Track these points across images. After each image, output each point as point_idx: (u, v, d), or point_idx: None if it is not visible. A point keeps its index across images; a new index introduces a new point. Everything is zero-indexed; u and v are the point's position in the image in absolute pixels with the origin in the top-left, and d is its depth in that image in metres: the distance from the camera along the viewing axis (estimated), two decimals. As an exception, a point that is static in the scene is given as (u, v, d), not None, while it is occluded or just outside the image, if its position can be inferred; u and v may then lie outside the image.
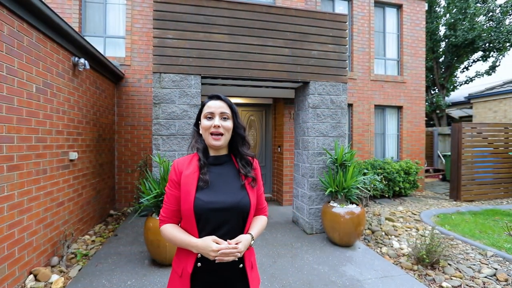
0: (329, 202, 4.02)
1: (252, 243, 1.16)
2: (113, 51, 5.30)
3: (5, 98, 2.36)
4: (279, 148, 6.12)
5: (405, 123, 7.33)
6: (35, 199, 2.74)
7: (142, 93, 5.25)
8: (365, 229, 4.36)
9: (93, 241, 3.64)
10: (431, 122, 12.78)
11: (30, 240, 2.67)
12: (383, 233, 4.23)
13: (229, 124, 1.18)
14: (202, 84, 4.37)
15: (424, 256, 3.13)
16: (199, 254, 1.10)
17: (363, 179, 4.28)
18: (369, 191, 4.88)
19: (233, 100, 6.12)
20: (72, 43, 3.33)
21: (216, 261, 1.05)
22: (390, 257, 3.49)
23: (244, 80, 4.09)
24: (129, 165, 5.12)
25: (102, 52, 5.15)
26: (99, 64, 4.15)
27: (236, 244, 1.07)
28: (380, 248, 3.77)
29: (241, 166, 1.22)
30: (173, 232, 1.13)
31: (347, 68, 4.45)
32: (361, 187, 4.06)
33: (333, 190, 3.85)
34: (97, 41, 5.19)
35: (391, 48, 7.42)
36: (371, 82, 6.98)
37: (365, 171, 5.09)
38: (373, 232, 4.28)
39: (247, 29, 3.91)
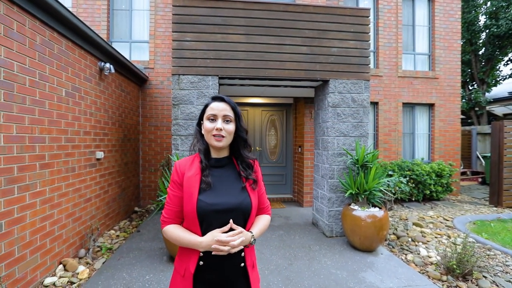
0: (349, 204, 3.87)
1: (252, 241, 1.16)
2: (138, 55, 5.57)
3: (38, 102, 2.57)
4: (299, 148, 6.02)
5: (437, 121, 6.84)
6: (64, 195, 2.95)
7: (164, 95, 5.45)
8: (390, 234, 4.14)
9: (117, 236, 3.84)
10: (469, 121, 11.81)
11: (60, 232, 2.88)
12: (410, 239, 3.98)
13: (231, 127, 1.17)
14: (221, 84, 4.44)
15: (455, 266, 2.88)
16: (201, 253, 1.11)
17: (387, 181, 4.07)
18: (394, 194, 4.61)
19: (253, 100, 6.14)
20: (98, 49, 3.54)
21: (213, 253, 1.06)
22: (416, 265, 3.27)
23: (261, 80, 4.07)
24: (152, 164, 5.34)
25: (128, 57, 5.44)
26: (124, 68, 4.38)
27: (237, 231, 1.09)
28: (405, 255, 3.55)
29: (242, 169, 1.22)
30: (177, 232, 1.14)
31: (370, 65, 4.23)
32: (384, 189, 3.85)
33: (354, 192, 3.70)
34: (123, 46, 5.49)
35: (421, 41, 6.96)
36: (398, 78, 6.60)
37: (390, 172, 4.82)
38: (398, 237, 4.04)
39: (263, 29, 3.89)
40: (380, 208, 3.69)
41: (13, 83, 2.29)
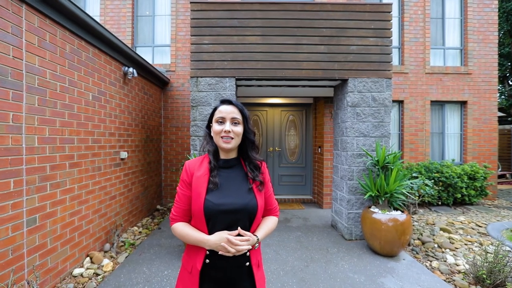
0: (369, 207, 3.74)
1: (257, 244, 1.19)
2: (160, 58, 5.81)
3: (68, 106, 2.78)
4: (319, 149, 5.92)
5: (471, 120, 6.38)
6: (91, 192, 3.16)
7: (185, 96, 5.63)
8: (414, 239, 3.94)
9: (140, 232, 4.04)
10: (509, 119, 10.86)
11: (87, 227, 3.09)
12: (436, 245, 3.76)
13: (239, 129, 1.20)
14: (238, 86, 4.49)
15: (485, 276, 2.68)
16: (207, 251, 1.14)
17: (410, 183, 3.88)
18: (419, 197, 4.38)
19: (272, 100, 6.14)
20: (122, 54, 3.74)
21: (219, 253, 1.10)
22: (441, 273, 3.09)
23: (278, 81, 4.06)
24: (173, 164, 5.54)
25: (150, 60, 5.69)
26: (146, 71, 4.58)
27: (245, 237, 1.12)
28: (430, 261, 3.36)
29: (249, 170, 1.25)
30: (185, 229, 1.17)
31: (393, 62, 4.06)
32: (407, 192, 3.67)
33: (373, 194, 3.57)
34: (146, 51, 5.75)
35: (452, 35, 6.53)
36: (426, 75, 6.25)
37: (415, 174, 4.58)
38: (423, 243, 3.84)
39: (280, 29, 3.88)
40: (402, 212, 3.53)
41: (45, 89, 2.50)
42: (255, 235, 1.19)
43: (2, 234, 2.07)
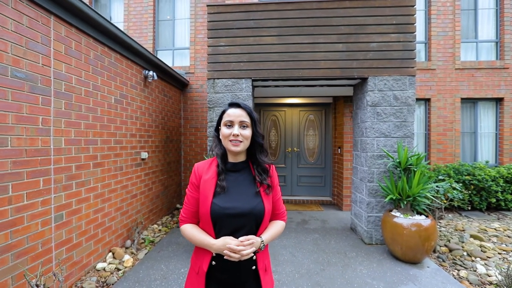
0: (390, 210, 3.58)
1: (261, 246, 1.17)
2: (180, 61, 5.97)
3: (92, 109, 2.94)
4: (339, 149, 5.77)
5: (508, 119, 5.88)
6: (113, 191, 3.32)
7: (204, 98, 5.73)
8: (440, 246, 3.72)
9: (159, 230, 4.18)
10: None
11: (110, 224, 3.26)
12: (465, 253, 3.52)
13: (248, 132, 1.19)
14: (255, 86, 4.50)
15: (519, 289, 2.47)
16: (214, 253, 1.15)
17: (436, 186, 3.66)
18: (447, 200, 4.11)
19: (290, 100, 6.08)
20: (143, 59, 3.90)
21: (225, 257, 1.10)
22: (470, 283, 2.88)
23: (295, 81, 4.01)
24: (193, 164, 5.67)
25: (171, 63, 5.86)
26: (166, 74, 4.73)
27: (248, 241, 1.10)
28: (458, 270, 3.15)
29: (257, 173, 1.24)
30: (192, 231, 1.19)
31: (417, 58, 3.85)
32: (432, 196, 3.46)
33: (394, 197, 3.41)
34: (167, 54, 5.95)
35: (485, 27, 6.06)
36: (456, 71, 5.85)
37: (441, 177, 4.31)
38: (450, 250, 3.61)
39: (296, 28, 3.82)
40: (426, 217, 3.35)
41: (71, 94, 2.66)
42: (260, 237, 1.18)
43: (32, 229, 2.24)
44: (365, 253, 3.56)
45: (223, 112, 1.23)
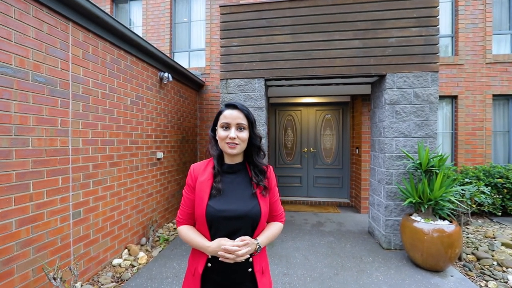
0: (410, 214, 3.40)
1: (258, 249, 1.15)
2: (196, 62, 6.06)
3: (108, 110, 3.06)
4: (357, 150, 5.57)
5: (547, 116, 5.38)
6: (129, 189, 3.43)
7: (219, 98, 5.77)
8: (467, 254, 3.47)
9: (174, 228, 4.26)
10: None
11: (126, 222, 3.37)
12: (495, 263, 3.26)
13: (245, 135, 1.16)
14: (269, 86, 4.46)
15: (556, 305, 2.23)
16: (209, 256, 1.14)
17: (462, 189, 3.41)
18: (476, 205, 3.82)
19: (306, 99, 5.97)
20: (158, 61, 3.99)
21: (219, 259, 1.09)
22: (499, 295, 2.66)
23: (309, 79, 3.92)
24: (209, 164, 5.72)
25: (187, 64, 5.96)
26: (181, 75, 4.82)
27: (243, 242, 1.09)
28: (486, 281, 2.92)
29: (254, 175, 1.22)
30: (188, 233, 1.18)
31: (439, 54, 3.62)
32: (457, 200, 3.23)
33: (414, 201, 3.23)
34: (183, 56, 6.07)
35: (521, 17, 5.57)
36: (487, 65, 5.44)
37: (467, 179, 4.02)
38: (478, 259, 3.36)
39: (310, 26, 3.73)
40: (450, 222, 3.13)
41: (89, 96, 2.78)
42: (256, 239, 1.16)
43: (52, 224, 2.36)
44: (382, 258, 3.40)
45: (220, 113, 1.19)
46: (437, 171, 3.21)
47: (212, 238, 1.13)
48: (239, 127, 1.16)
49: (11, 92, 2.04)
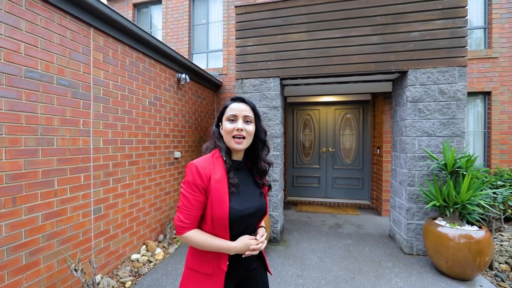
0: (434, 218, 3.20)
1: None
2: (213, 63, 6.16)
3: (127, 111, 3.19)
4: (378, 150, 5.36)
5: None
6: (148, 188, 3.56)
7: (236, 98, 5.82)
8: (500, 263, 3.21)
9: (191, 226, 4.35)
10: None
11: (144, 219, 3.49)
12: (531, 273, 2.98)
13: (251, 128, 1.16)
14: (285, 85, 4.42)
15: None
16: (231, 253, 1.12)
17: (493, 193, 3.16)
18: None
19: (324, 98, 5.85)
20: (175, 62, 4.10)
21: (245, 255, 1.13)
22: (535, 310, 2.42)
23: (325, 78, 3.82)
24: (226, 163, 5.79)
25: (205, 65, 6.07)
26: (199, 76, 4.91)
27: (263, 237, 1.20)
28: (521, 293, 2.68)
29: (256, 173, 1.27)
30: (203, 237, 1.09)
31: (467, 47, 3.38)
32: (487, 204, 2.99)
33: (438, 204, 3.04)
34: (201, 57, 6.19)
35: None
36: (524, 58, 4.99)
37: (500, 182, 3.70)
38: (512, 268, 3.09)
39: (326, 23, 3.64)
40: (479, 227, 2.91)
41: (109, 98, 2.92)
42: (262, 226, 1.29)
43: (74, 219, 2.51)
44: (403, 263, 3.24)
45: (225, 107, 1.18)
46: (465, 173, 2.99)
47: (231, 237, 1.11)
48: (246, 120, 1.15)
49: (37, 95, 2.19)
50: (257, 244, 1.13)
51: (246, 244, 1.10)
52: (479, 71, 5.09)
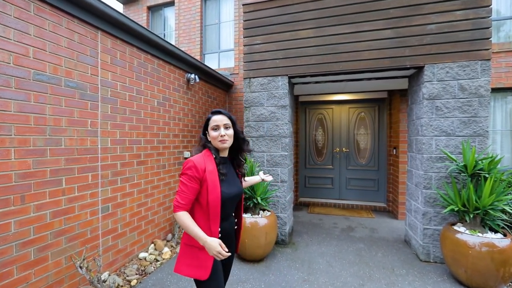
0: (453, 224, 2.99)
1: None
2: (225, 63, 6.16)
3: (135, 112, 3.24)
4: (394, 150, 5.11)
5: None
6: (156, 187, 3.61)
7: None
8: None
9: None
10: None
11: (153, 218, 3.54)
12: None
13: (230, 131, 1.53)
14: (294, 84, 4.32)
15: None
16: (220, 228, 1.49)
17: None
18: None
19: (338, 97, 5.69)
20: (184, 63, 4.12)
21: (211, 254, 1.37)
22: None
23: (335, 75, 3.69)
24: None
25: (216, 65, 6.09)
26: (209, 76, 4.92)
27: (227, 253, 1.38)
28: (551, 309, 2.43)
29: (237, 166, 1.67)
30: (188, 221, 1.37)
31: (491, 39, 3.12)
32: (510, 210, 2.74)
33: (457, 208, 2.83)
34: (213, 57, 6.22)
35: None
36: (560, 50, 4.55)
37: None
38: (543, 281, 2.81)
39: (336, 18, 3.51)
40: (504, 235, 2.68)
41: (116, 99, 2.98)
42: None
43: (82, 217, 2.58)
44: (418, 271, 3.05)
45: (208, 119, 1.52)
46: (487, 175, 2.76)
47: (221, 216, 1.47)
48: (226, 127, 1.51)
49: (46, 96, 2.27)
50: (223, 254, 1.32)
51: (215, 247, 1.30)
52: (507, 65, 4.70)
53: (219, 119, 1.49)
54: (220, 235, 1.48)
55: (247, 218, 3.20)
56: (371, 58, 3.40)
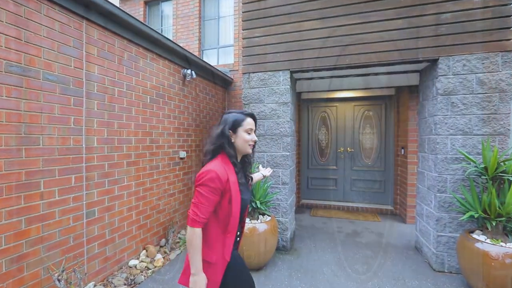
0: (471, 231, 2.73)
1: None
2: (224, 59, 5.92)
3: (125, 109, 3.02)
4: (402, 150, 4.84)
5: None
6: (149, 189, 3.38)
7: (247, 95, 5.55)
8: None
9: (197, 230, 4.14)
10: None
11: (145, 222, 3.31)
12: None
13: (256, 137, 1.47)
14: (297, 79, 4.08)
15: None
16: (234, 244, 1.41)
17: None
18: None
19: (342, 94, 5.42)
20: (180, 57, 3.89)
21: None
22: None
23: (341, 70, 3.43)
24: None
25: (215, 62, 5.86)
26: (206, 72, 4.68)
27: None
28: None
29: (247, 171, 1.55)
30: (200, 244, 1.25)
31: (514, 28, 2.84)
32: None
33: (477, 215, 2.56)
34: (212, 53, 5.99)
35: None
36: None
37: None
38: None
39: (342, 8, 3.25)
40: (530, 245, 2.41)
41: (104, 95, 2.75)
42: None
43: (64, 223, 2.36)
44: (432, 283, 2.79)
45: (242, 120, 1.39)
46: (510, 178, 2.49)
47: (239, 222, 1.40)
48: (254, 131, 1.45)
49: (20, 90, 2.04)
50: None
51: (202, 284, 1.24)
52: (524, 60, 4.40)
53: (252, 123, 1.43)
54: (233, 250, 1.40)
55: (245, 223, 2.96)
56: (381, 51, 3.14)
